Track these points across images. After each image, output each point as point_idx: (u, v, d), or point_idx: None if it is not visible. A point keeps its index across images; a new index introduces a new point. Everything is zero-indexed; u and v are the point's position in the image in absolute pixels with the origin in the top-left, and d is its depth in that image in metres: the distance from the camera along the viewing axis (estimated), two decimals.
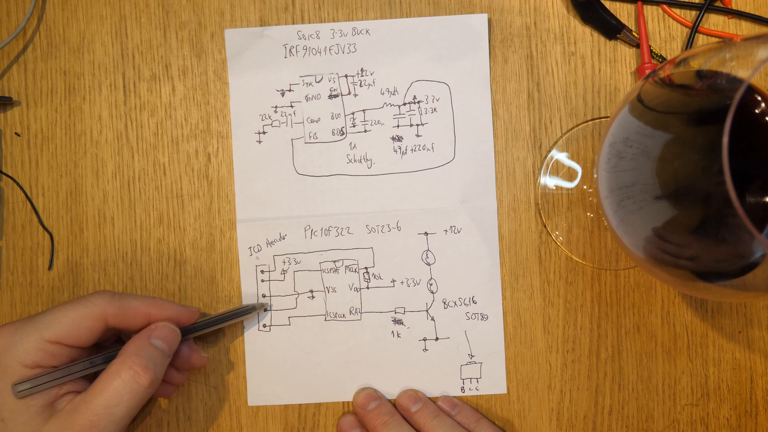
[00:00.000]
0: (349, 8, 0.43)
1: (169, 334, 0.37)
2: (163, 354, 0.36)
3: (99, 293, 0.37)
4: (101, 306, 0.36)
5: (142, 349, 0.35)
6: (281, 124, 0.43)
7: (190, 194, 0.43)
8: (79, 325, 0.35)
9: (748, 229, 0.24)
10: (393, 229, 0.43)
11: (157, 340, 0.36)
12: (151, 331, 0.37)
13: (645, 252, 0.31)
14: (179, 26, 0.44)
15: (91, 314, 0.35)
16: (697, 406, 0.43)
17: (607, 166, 0.32)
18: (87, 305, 0.36)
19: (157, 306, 0.38)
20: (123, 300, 0.37)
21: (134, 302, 0.37)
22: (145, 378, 0.34)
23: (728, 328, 0.43)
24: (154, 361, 0.35)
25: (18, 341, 0.34)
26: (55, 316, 0.35)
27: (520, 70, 0.43)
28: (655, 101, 0.31)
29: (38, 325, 0.35)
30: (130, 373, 0.34)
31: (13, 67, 0.44)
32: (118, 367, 0.35)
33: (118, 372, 0.34)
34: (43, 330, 0.35)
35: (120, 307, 0.36)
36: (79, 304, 0.36)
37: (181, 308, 0.39)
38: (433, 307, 0.43)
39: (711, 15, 0.43)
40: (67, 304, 0.36)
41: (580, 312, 0.43)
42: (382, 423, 0.40)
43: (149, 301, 0.38)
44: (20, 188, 0.43)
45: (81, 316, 0.35)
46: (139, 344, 0.36)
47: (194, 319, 0.39)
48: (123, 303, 0.36)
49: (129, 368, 0.34)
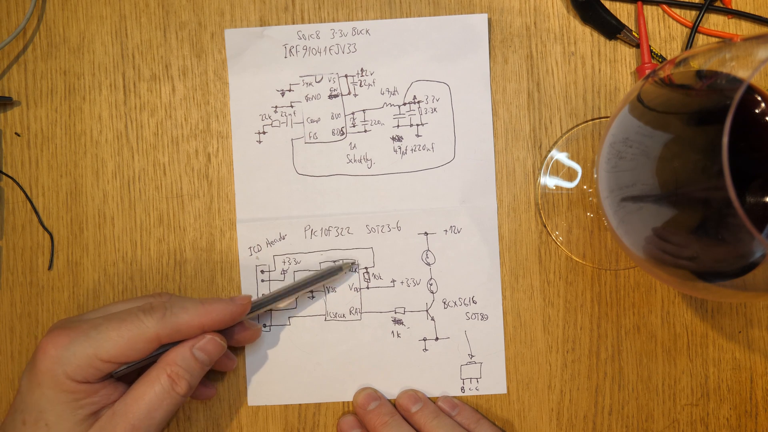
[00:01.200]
0: (349, 8, 0.43)
1: (213, 348, 0.37)
2: (203, 365, 0.37)
3: (150, 312, 0.36)
4: (153, 329, 0.35)
5: (183, 360, 0.36)
6: (281, 124, 0.43)
7: (190, 194, 0.43)
8: (133, 346, 0.35)
9: (748, 229, 0.24)
10: (393, 229, 0.43)
11: (200, 352, 0.37)
12: (197, 341, 0.37)
13: (645, 252, 0.31)
14: (179, 26, 0.44)
15: (144, 336, 0.35)
16: (697, 406, 0.43)
17: (607, 166, 0.32)
18: (140, 327, 0.35)
19: (209, 314, 0.37)
20: (174, 318, 0.36)
21: (185, 317, 0.36)
22: (182, 387, 0.35)
23: (728, 328, 0.43)
24: (191, 372, 0.36)
25: (71, 355, 0.34)
26: (109, 335, 0.35)
27: (520, 70, 0.43)
28: (655, 101, 0.31)
29: (92, 342, 0.35)
30: (169, 381, 0.35)
31: (13, 67, 0.44)
32: (158, 373, 0.35)
33: (158, 378, 0.35)
34: (98, 349, 0.34)
35: (172, 328, 0.36)
36: (132, 324, 0.35)
37: (231, 306, 0.38)
38: (433, 307, 0.43)
39: (711, 15, 0.43)
40: (121, 322, 0.35)
41: (580, 312, 0.43)
42: (383, 423, 0.40)
43: (200, 311, 0.37)
44: (20, 188, 0.43)
45: (135, 338, 0.35)
46: (181, 353, 0.36)
47: (246, 310, 0.39)
48: (175, 323, 0.36)
49: (168, 376, 0.35)
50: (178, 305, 0.37)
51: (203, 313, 0.37)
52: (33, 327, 0.43)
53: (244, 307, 0.39)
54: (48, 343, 0.35)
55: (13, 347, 0.43)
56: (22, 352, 0.43)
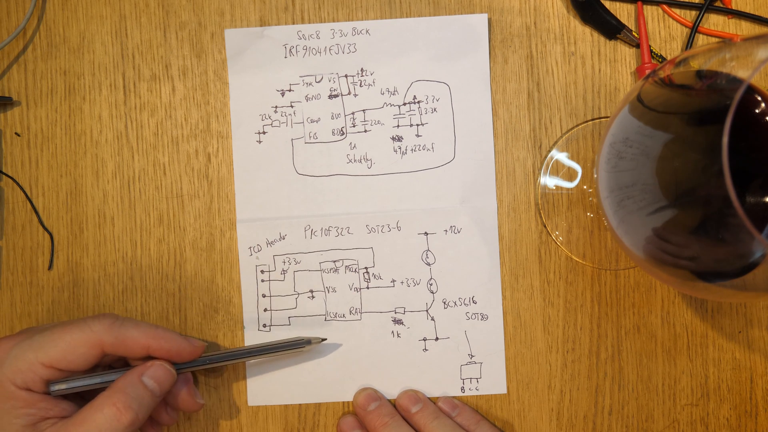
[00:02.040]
0: (349, 8, 0.43)
1: (162, 375, 0.36)
2: (152, 395, 0.35)
3: (99, 318, 0.35)
4: (99, 333, 0.35)
5: (131, 387, 0.35)
6: (281, 124, 0.43)
7: (190, 194, 0.43)
8: (74, 350, 0.34)
9: (748, 229, 0.24)
10: (393, 229, 0.43)
11: (149, 379, 0.35)
12: (146, 368, 0.36)
13: (645, 252, 0.31)
14: (179, 26, 0.44)
15: (87, 341, 0.34)
16: (697, 406, 0.43)
17: (607, 166, 0.32)
18: (85, 330, 0.35)
19: (158, 338, 0.36)
20: (122, 329, 0.35)
21: (134, 332, 0.36)
22: (127, 417, 0.34)
23: (728, 328, 0.43)
24: (140, 401, 0.35)
25: (12, 359, 0.34)
26: (51, 338, 0.34)
27: (520, 70, 0.43)
28: (655, 101, 0.31)
29: (35, 345, 0.34)
30: (113, 410, 0.34)
31: (13, 67, 0.44)
32: (103, 401, 0.34)
33: (101, 406, 0.34)
34: (38, 351, 0.34)
35: (117, 337, 0.35)
36: (77, 328, 0.35)
37: (183, 342, 0.37)
38: (433, 307, 0.43)
39: (711, 15, 0.43)
40: (65, 326, 0.35)
41: (580, 312, 0.43)
42: (383, 424, 0.40)
43: (150, 332, 0.36)
44: (20, 188, 0.43)
45: (77, 341, 0.34)
46: (128, 381, 0.35)
47: (197, 354, 0.38)
48: (122, 332, 0.35)
49: (112, 405, 0.34)
50: (131, 321, 0.36)
51: (153, 335, 0.36)
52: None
53: (195, 348, 0.38)
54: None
55: None
56: None
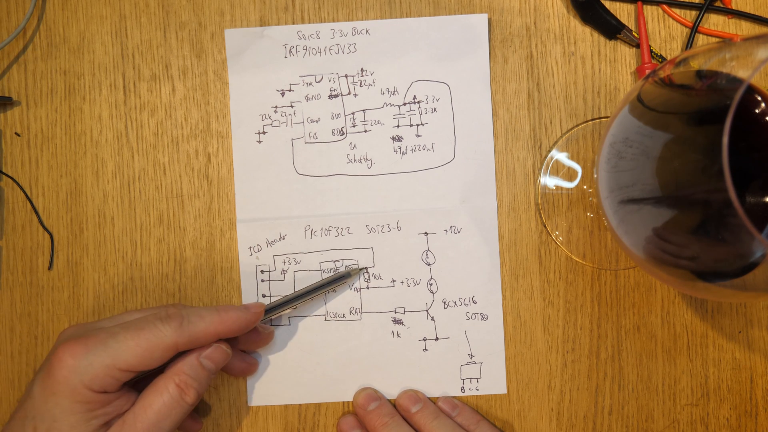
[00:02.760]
0: (349, 8, 0.43)
1: (220, 357, 0.38)
2: (209, 374, 0.37)
3: (167, 321, 0.36)
4: (171, 338, 0.35)
5: (191, 368, 0.36)
6: (281, 124, 0.43)
7: (190, 194, 0.43)
8: (151, 355, 0.35)
9: (748, 229, 0.24)
10: (393, 229, 0.43)
11: (207, 360, 0.37)
12: (203, 350, 0.37)
13: (645, 252, 0.31)
14: (179, 26, 0.44)
15: (161, 344, 0.35)
16: (697, 406, 0.43)
17: (607, 166, 0.32)
18: (158, 335, 0.35)
19: (224, 322, 0.37)
20: (191, 326, 0.36)
21: (201, 326, 0.37)
22: (190, 396, 0.36)
23: (728, 328, 0.43)
24: (199, 380, 0.36)
25: (89, 365, 0.34)
26: (127, 344, 0.35)
27: (520, 70, 0.43)
28: (655, 101, 0.31)
29: (110, 351, 0.34)
30: (178, 391, 0.35)
31: (13, 67, 0.44)
32: (166, 382, 0.36)
33: (166, 387, 0.35)
34: (116, 358, 0.34)
35: (189, 337, 0.36)
36: (149, 332, 0.35)
37: (246, 315, 0.38)
38: (433, 307, 0.43)
39: (711, 15, 0.43)
40: (139, 331, 0.35)
41: (580, 312, 0.43)
42: (383, 424, 0.40)
43: (216, 319, 0.37)
44: (20, 188, 0.43)
45: (153, 346, 0.35)
46: (189, 362, 0.37)
47: (260, 316, 0.39)
48: (191, 330, 0.36)
49: (176, 386, 0.36)
50: (195, 314, 0.37)
51: (219, 321, 0.37)
52: (33, 327, 0.43)
53: (257, 314, 0.39)
54: (65, 351, 0.34)
55: (13, 347, 0.43)
56: (22, 352, 0.43)
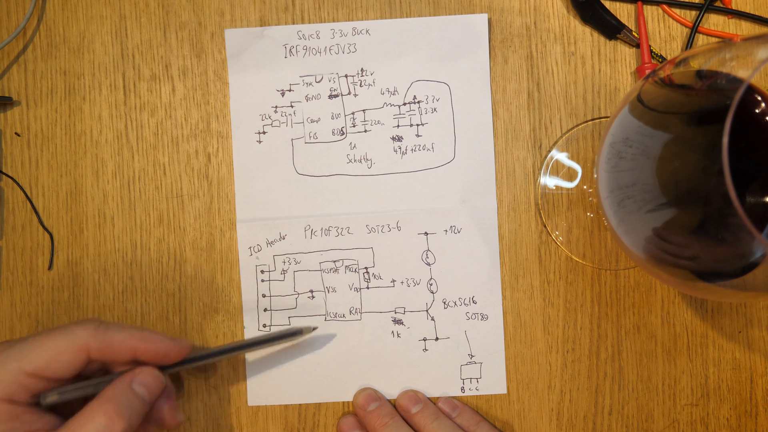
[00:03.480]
0: (349, 8, 0.43)
1: (152, 381, 0.35)
2: (143, 402, 0.35)
3: (83, 324, 0.35)
4: (83, 338, 0.34)
5: (122, 395, 0.34)
6: (281, 124, 0.43)
7: (190, 194, 0.43)
8: (58, 357, 0.33)
9: (748, 229, 0.24)
10: (393, 229, 0.43)
11: (139, 386, 0.35)
12: (135, 375, 0.35)
13: (645, 252, 0.31)
14: (179, 26, 0.44)
15: (72, 346, 0.34)
16: (697, 406, 0.43)
17: (607, 166, 0.32)
18: (69, 336, 0.34)
19: (145, 340, 0.35)
20: (108, 333, 0.35)
21: (120, 336, 0.35)
22: (119, 426, 0.33)
23: (728, 328, 0.43)
24: (131, 409, 0.34)
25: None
26: (34, 346, 0.33)
27: (520, 70, 0.43)
28: (655, 101, 0.31)
29: (17, 354, 0.33)
30: (105, 419, 0.32)
31: (13, 67, 0.44)
32: (94, 410, 0.33)
33: (92, 416, 0.33)
34: (21, 360, 0.33)
35: (104, 342, 0.34)
36: (61, 334, 0.34)
37: (170, 342, 0.36)
38: (433, 307, 0.43)
39: (711, 15, 0.43)
40: (49, 333, 0.34)
41: (580, 312, 0.43)
42: (383, 424, 0.40)
43: (136, 335, 0.35)
44: (20, 188, 0.43)
45: (61, 348, 0.33)
46: (118, 389, 0.34)
47: (184, 354, 0.37)
48: (107, 337, 0.34)
49: (104, 414, 0.33)
50: (116, 324, 0.35)
51: (139, 337, 0.35)
52: (33, 327, 0.43)
53: (182, 348, 0.37)
54: None
55: None
56: None
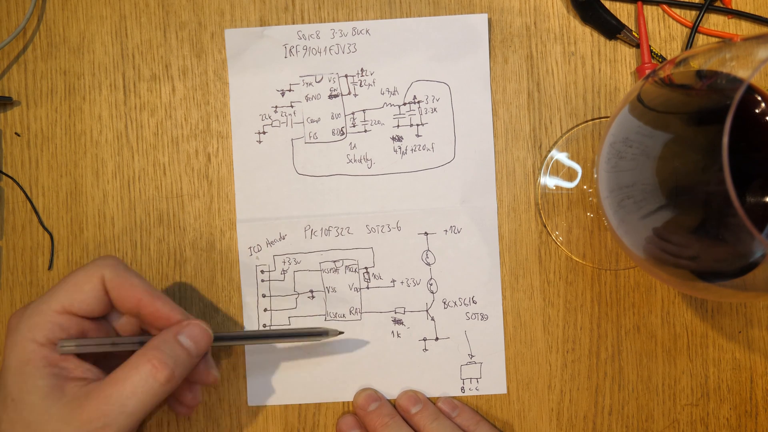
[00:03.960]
0: (349, 8, 0.43)
1: (198, 334, 0.35)
2: (189, 353, 0.34)
3: (103, 257, 0.36)
4: (100, 269, 0.34)
5: (166, 344, 0.34)
6: (281, 124, 0.43)
7: (190, 194, 0.43)
8: (80, 288, 0.34)
9: (748, 229, 0.24)
10: (393, 229, 0.43)
11: (185, 338, 0.34)
12: (182, 327, 0.35)
13: (645, 252, 0.31)
14: (179, 26, 0.44)
15: (90, 277, 0.34)
16: (697, 406, 0.43)
17: (607, 166, 0.32)
18: (88, 268, 0.35)
19: (152, 296, 0.35)
20: (125, 271, 0.35)
21: (133, 279, 0.35)
22: (162, 374, 0.33)
23: (728, 328, 0.43)
24: (175, 359, 0.33)
25: (28, 317, 0.34)
26: (59, 286, 0.35)
27: (520, 70, 0.43)
28: (655, 101, 0.31)
29: (44, 297, 0.34)
30: (148, 367, 0.32)
31: (13, 67, 0.44)
32: (138, 359, 0.33)
33: (136, 364, 0.33)
34: (49, 301, 0.34)
35: (117, 276, 0.35)
36: (80, 269, 0.35)
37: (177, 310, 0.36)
38: (433, 307, 0.43)
39: (711, 15, 0.43)
40: (72, 272, 0.35)
41: (580, 312, 0.43)
42: (382, 424, 0.40)
43: (147, 288, 0.35)
44: (20, 188, 0.43)
45: (81, 280, 0.34)
46: (163, 339, 0.34)
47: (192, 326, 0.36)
48: (122, 272, 0.35)
49: (148, 361, 0.33)
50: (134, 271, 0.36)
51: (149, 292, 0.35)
52: None
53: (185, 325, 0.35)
54: (11, 317, 0.35)
55: None
56: None
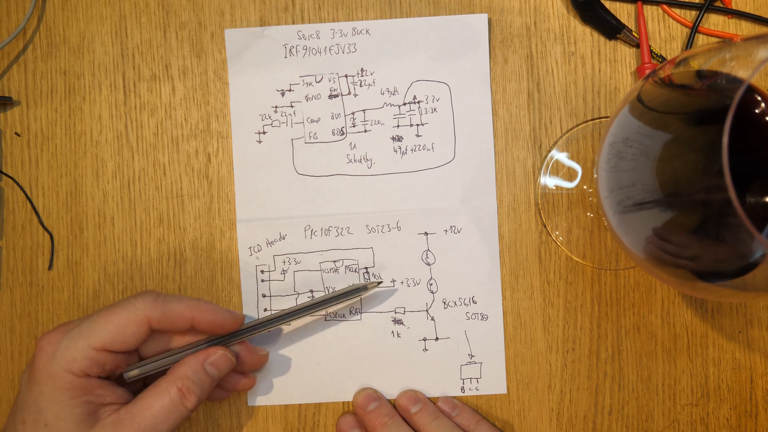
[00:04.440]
0: (349, 8, 0.43)
1: (224, 364, 0.37)
2: (212, 381, 0.37)
3: (142, 296, 0.36)
4: (145, 310, 0.35)
5: (195, 374, 0.36)
6: (281, 124, 0.43)
7: (190, 194, 0.43)
8: (123, 330, 0.35)
9: (748, 229, 0.24)
10: (393, 229, 0.43)
11: (211, 367, 0.37)
12: (208, 356, 0.37)
13: (645, 252, 0.31)
14: (179, 26, 0.44)
15: (135, 319, 0.35)
16: (697, 406, 0.43)
17: (607, 166, 0.32)
18: (131, 309, 0.35)
19: (201, 310, 0.37)
20: (167, 304, 0.36)
21: (178, 306, 0.37)
22: (191, 401, 0.35)
23: (728, 328, 0.43)
24: (202, 387, 0.36)
25: (65, 348, 0.34)
26: (99, 323, 0.35)
27: (520, 70, 0.43)
28: (655, 101, 0.31)
29: (84, 332, 0.35)
30: (179, 395, 0.35)
31: (13, 67, 0.44)
32: (168, 386, 0.35)
33: (167, 390, 0.35)
34: (89, 337, 0.35)
35: (163, 312, 0.36)
36: (123, 308, 0.36)
37: (225, 313, 0.38)
38: (433, 307, 0.43)
39: (711, 15, 0.43)
40: (112, 309, 0.36)
41: (580, 312, 0.43)
42: (382, 424, 0.40)
43: (193, 305, 0.37)
44: (20, 188, 0.43)
45: (125, 322, 0.35)
46: (193, 367, 0.36)
47: (238, 325, 0.39)
48: (166, 307, 0.36)
49: (178, 390, 0.35)
50: (173, 296, 0.37)
51: (196, 307, 0.37)
52: (33, 327, 0.43)
53: (236, 319, 0.39)
54: (43, 340, 0.35)
55: (13, 347, 0.43)
56: (22, 352, 0.43)
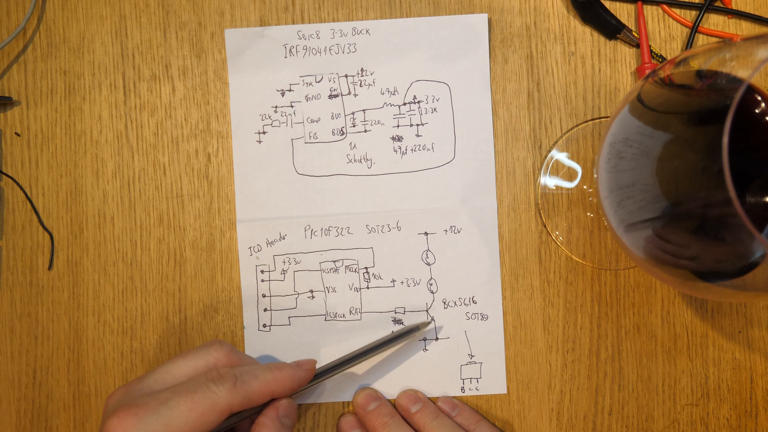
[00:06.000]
0: (349, 8, 0.43)
1: (293, 413, 0.39)
2: (289, 431, 0.38)
3: (219, 381, 0.35)
4: (226, 399, 0.35)
5: (273, 424, 0.37)
6: (281, 124, 0.43)
7: (190, 194, 0.43)
8: (205, 420, 0.34)
9: (748, 229, 0.24)
10: (393, 229, 0.43)
11: (286, 418, 0.38)
12: (280, 408, 0.38)
13: (645, 252, 0.31)
14: (179, 26, 0.44)
15: (216, 408, 0.35)
16: (697, 406, 0.43)
17: (607, 166, 0.32)
18: (211, 397, 0.35)
19: (278, 382, 0.37)
20: (245, 387, 0.36)
21: (256, 385, 0.36)
22: None
23: (728, 328, 0.43)
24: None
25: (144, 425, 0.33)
26: (180, 411, 0.34)
27: (520, 70, 0.43)
28: (655, 101, 0.31)
29: (162, 419, 0.33)
30: None
31: (13, 67, 0.44)
32: None
33: None
34: (169, 425, 0.33)
35: (244, 397, 0.36)
36: (204, 396, 0.35)
37: (300, 373, 0.38)
38: (433, 307, 0.43)
39: (711, 15, 0.43)
40: (191, 395, 0.34)
41: (580, 312, 0.43)
42: (382, 424, 0.40)
43: (270, 378, 0.37)
44: (20, 188, 0.43)
45: (206, 411, 0.34)
46: (270, 418, 0.37)
47: (312, 374, 0.39)
48: (245, 391, 0.36)
49: None
50: (248, 373, 0.37)
51: (273, 380, 0.37)
52: (33, 327, 0.43)
53: (310, 372, 0.39)
54: (115, 425, 0.33)
55: (13, 347, 0.43)
56: (22, 352, 0.43)
